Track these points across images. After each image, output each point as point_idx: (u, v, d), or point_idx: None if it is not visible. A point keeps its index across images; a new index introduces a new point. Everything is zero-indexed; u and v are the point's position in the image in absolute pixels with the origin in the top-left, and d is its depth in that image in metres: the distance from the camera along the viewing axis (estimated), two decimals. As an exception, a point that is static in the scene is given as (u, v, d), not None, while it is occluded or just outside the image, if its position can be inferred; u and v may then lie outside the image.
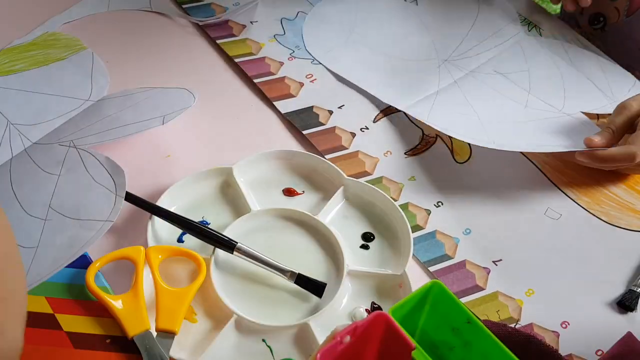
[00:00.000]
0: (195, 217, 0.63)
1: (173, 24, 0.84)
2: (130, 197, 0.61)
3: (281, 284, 0.59)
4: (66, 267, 0.57)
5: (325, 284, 0.58)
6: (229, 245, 0.59)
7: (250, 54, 0.81)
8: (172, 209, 0.63)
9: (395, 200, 0.66)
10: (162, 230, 0.62)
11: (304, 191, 0.67)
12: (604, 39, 0.86)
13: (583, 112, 0.76)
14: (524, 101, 0.77)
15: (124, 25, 0.83)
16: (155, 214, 0.61)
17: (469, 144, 0.73)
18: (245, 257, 0.59)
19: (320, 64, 0.81)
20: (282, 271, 0.58)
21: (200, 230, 0.60)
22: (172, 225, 0.62)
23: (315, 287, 0.58)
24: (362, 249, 0.63)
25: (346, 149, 0.72)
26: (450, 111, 0.75)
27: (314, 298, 0.58)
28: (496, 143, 0.69)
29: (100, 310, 0.55)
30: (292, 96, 0.77)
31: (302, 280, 0.58)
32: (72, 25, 0.82)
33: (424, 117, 0.74)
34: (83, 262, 0.58)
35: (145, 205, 0.61)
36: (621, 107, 0.69)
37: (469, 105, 0.76)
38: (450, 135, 0.72)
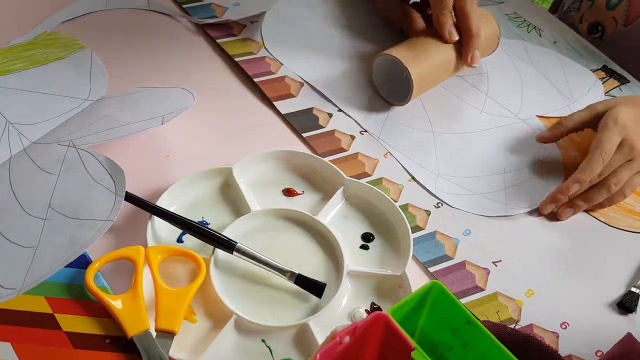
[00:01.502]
0: (195, 217, 0.62)
1: (173, 24, 0.84)
2: (130, 197, 0.61)
3: (281, 284, 0.59)
4: (66, 267, 0.57)
5: (325, 285, 0.58)
6: (228, 246, 0.59)
7: (250, 53, 0.81)
8: (172, 209, 0.62)
9: (395, 201, 0.66)
10: (161, 230, 0.62)
11: (304, 191, 0.67)
12: (602, 47, 0.86)
13: (538, 116, 0.77)
14: (481, 105, 0.78)
15: (123, 25, 0.83)
16: (155, 214, 0.61)
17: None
18: (245, 257, 0.59)
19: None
20: (281, 271, 0.58)
21: (200, 230, 0.60)
22: (171, 225, 0.62)
23: (315, 288, 0.58)
24: (362, 249, 0.63)
25: (345, 151, 0.72)
26: (403, 127, 0.74)
27: (314, 298, 0.58)
28: (437, 188, 0.69)
29: (100, 310, 0.55)
30: (292, 96, 0.76)
31: (301, 281, 0.58)
32: (70, 25, 0.82)
33: (376, 133, 0.73)
34: (83, 262, 0.58)
35: (145, 206, 0.61)
36: (587, 106, 0.72)
37: (424, 114, 0.76)
38: (397, 158, 0.71)
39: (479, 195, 0.69)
